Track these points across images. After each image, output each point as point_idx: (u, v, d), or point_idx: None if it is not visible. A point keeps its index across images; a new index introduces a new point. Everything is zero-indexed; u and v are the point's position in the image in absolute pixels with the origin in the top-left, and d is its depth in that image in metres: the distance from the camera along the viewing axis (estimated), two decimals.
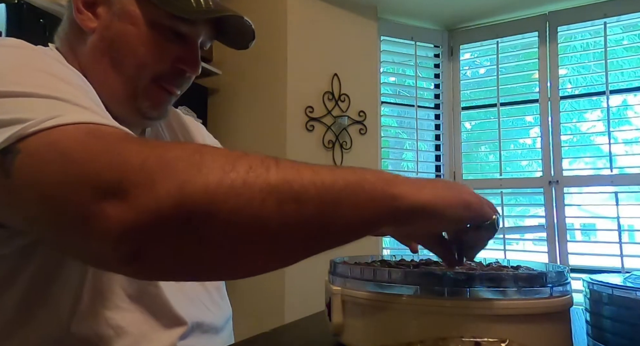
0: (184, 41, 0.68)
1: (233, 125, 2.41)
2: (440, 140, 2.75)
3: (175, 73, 0.69)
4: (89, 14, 0.65)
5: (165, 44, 0.66)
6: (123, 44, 0.65)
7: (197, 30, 0.68)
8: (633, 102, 2.50)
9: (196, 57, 0.69)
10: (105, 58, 0.65)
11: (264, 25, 2.38)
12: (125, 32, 0.65)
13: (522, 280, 0.51)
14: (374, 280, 0.55)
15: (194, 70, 0.70)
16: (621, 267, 2.19)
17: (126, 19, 0.64)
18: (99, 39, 0.65)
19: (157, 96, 0.69)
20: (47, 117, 0.42)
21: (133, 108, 0.68)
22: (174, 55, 0.67)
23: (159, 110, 0.70)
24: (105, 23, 0.65)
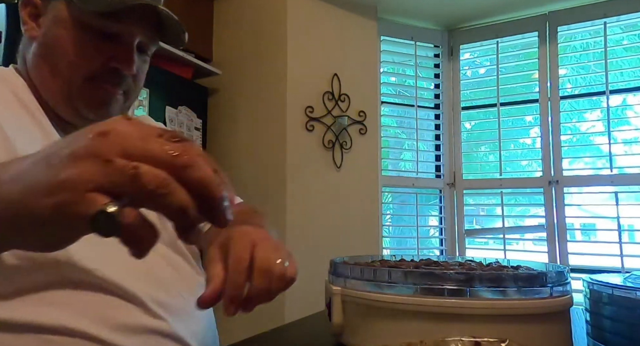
0: (117, 41, 0.70)
1: (233, 125, 2.41)
2: (440, 140, 2.75)
3: (109, 72, 0.70)
4: (32, 24, 0.70)
5: (96, 43, 0.68)
6: (56, 47, 0.68)
7: (128, 29, 0.69)
8: (633, 102, 2.50)
9: (129, 55, 0.70)
10: (44, 63, 0.69)
11: (264, 25, 2.38)
12: (58, 36, 0.68)
13: (522, 280, 0.51)
14: (374, 280, 0.55)
15: (126, 68, 0.70)
16: (621, 267, 2.19)
17: (59, 23, 0.68)
18: (37, 46, 0.69)
19: (91, 95, 0.70)
20: None
21: (71, 108, 0.70)
22: (107, 54, 0.69)
23: (95, 110, 0.71)
24: (43, 31, 0.69)
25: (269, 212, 2.18)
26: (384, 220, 2.67)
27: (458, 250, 2.62)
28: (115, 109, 0.73)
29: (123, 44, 0.70)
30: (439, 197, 2.74)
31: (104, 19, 0.67)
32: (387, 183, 2.59)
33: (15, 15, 1.51)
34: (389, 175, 2.61)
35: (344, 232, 2.29)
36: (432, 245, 2.86)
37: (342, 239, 2.27)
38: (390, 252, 2.60)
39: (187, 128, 2.21)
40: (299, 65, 2.30)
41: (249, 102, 2.39)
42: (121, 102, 0.73)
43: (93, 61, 0.68)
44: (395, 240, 3.28)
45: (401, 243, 2.94)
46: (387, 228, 2.89)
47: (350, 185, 2.37)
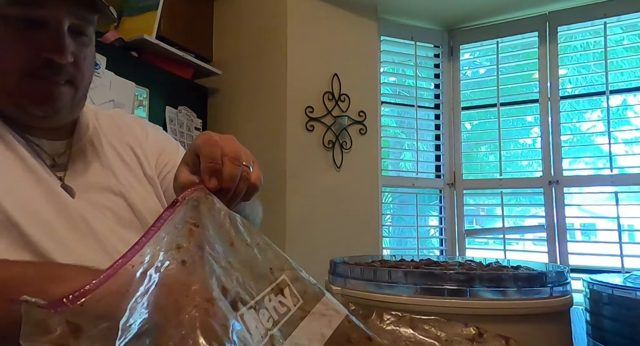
0: (45, 29, 0.63)
1: (233, 125, 2.41)
2: (440, 140, 2.75)
3: (43, 64, 0.64)
4: None
5: (21, 35, 0.62)
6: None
7: (52, 13, 0.63)
8: (633, 102, 2.50)
9: (59, 42, 0.63)
10: None
11: (264, 26, 2.38)
12: None
13: (522, 280, 0.51)
14: (374, 280, 0.55)
15: (59, 56, 0.63)
16: (621, 267, 2.19)
17: None
18: None
19: (33, 91, 0.65)
20: None
21: (16, 107, 0.66)
22: (36, 45, 0.63)
23: (42, 106, 0.66)
24: None
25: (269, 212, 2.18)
26: (384, 220, 2.67)
27: (458, 250, 2.62)
28: (63, 103, 0.67)
29: (51, 31, 0.63)
30: (439, 197, 2.74)
31: (23, 6, 0.61)
32: (387, 183, 2.59)
33: None
34: (389, 175, 2.61)
35: (344, 232, 2.29)
36: (432, 245, 2.86)
37: (342, 239, 2.27)
38: (390, 252, 2.60)
39: (187, 128, 2.21)
40: (299, 65, 2.30)
41: (249, 102, 2.39)
42: (69, 93, 0.68)
43: (23, 54, 0.63)
44: (395, 240, 3.28)
45: (401, 244, 2.94)
46: (387, 228, 2.89)
47: (350, 185, 2.37)
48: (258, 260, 0.44)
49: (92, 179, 0.72)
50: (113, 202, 0.72)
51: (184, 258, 0.38)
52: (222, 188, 0.50)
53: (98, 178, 0.73)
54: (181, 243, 0.39)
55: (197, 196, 0.46)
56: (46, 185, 0.65)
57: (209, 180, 0.50)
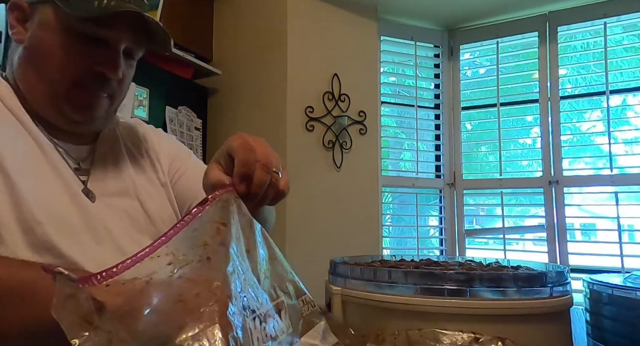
0: (104, 47, 0.70)
1: (233, 125, 2.41)
2: (440, 140, 2.75)
3: (94, 76, 0.70)
4: (20, 27, 0.71)
5: (82, 48, 0.69)
6: (41, 51, 0.69)
7: (114, 34, 0.70)
8: (633, 102, 2.50)
9: (115, 60, 0.71)
10: (30, 65, 0.70)
11: (264, 25, 2.38)
12: (43, 39, 0.69)
13: (522, 280, 0.51)
14: (374, 280, 0.55)
15: (112, 72, 0.70)
16: (621, 267, 2.19)
17: (45, 27, 0.69)
18: (23, 49, 0.70)
19: (78, 98, 0.70)
20: None
21: (57, 111, 0.70)
22: (93, 59, 0.69)
23: (82, 113, 0.72)
24: (30, 34, 0.70)
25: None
26: (384, 220, 2.67)
27: (458, 250, 2.62)
28: (100, 112, 0.73)
29: (109, 49, 0.70)
30: (439, 197, 2.74)
31: (91, 24, 0.68)
32: (387, 183, 2.59)
33: None
34: (389, 175, 2.61)
35: (344, 232, 2.29)
36: (432, 245, 2.86)
37: (342, 239, 2.27)
38: (390, 252, 2.60)
39: (187, 128, 2.21)
40: (299, 65, 2.30)
41: (249, 102, 2.39)
42: (106, 105, 0.74)
43: (79, 65, 0.69)
44: (395, 240, 3.28)
45: (401, 243, 2.94)
46: (387, 228, 2.89)
47: (350, 185, 2.37)
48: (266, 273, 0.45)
49: (112, 184, 0.76)
50: (130, 206, 0.76)
51: (209, 255, 0.40)
52: (250, 193, 0.53)
53: (117, 183, 0.76)
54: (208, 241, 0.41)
55: (227, 197, 0.48)
56: (70, 188, 0.69)
57: (240, 184, 0.52)
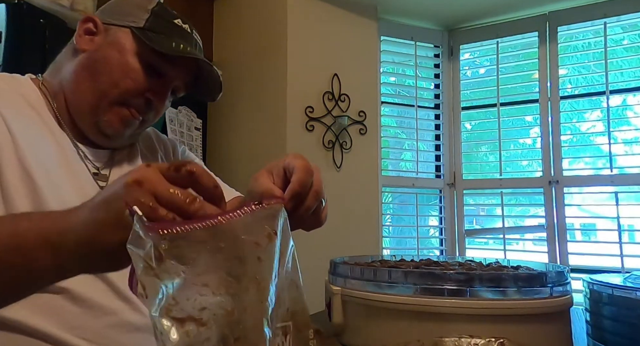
0: (160, 78, 0.78)
1: (233, 125, 2.41)
2: (440, 140, 2.75)
3: (141, 101, 0.77)
4: (87, 39, 0.77)
5: (142, 74, 0.75)
6: (105, 64, 0.75)
7: (174, 72, 0.78)
8: (633, 102, 2.50)
9: (166, 92, 0.79)
10: (85, 71, 0.75)
11: (264, 26, 2.38)
12: (111, 56, 0.75)
13: (522, 280, 0.51)
14: (374, 280, 0.55)
15: (159, 101, 0.78)
16: (621, 267, 2.19)
17: (115, 47, 0.75)
18: (86, 57, 0.76)
19: (117, 113, 0.76)
20: None
21: (93, 121, 0.75)
22: (146, 86, 0.76)
23: (115, 127, 0.76)
24: (97, 47, 0.76)
25: None
26: (384, 220, 2.67)
27: (458, 250, 2.62)
28: (128, 132, 0.79)
29: (163, 81, 0.78)
30: (439, 197, 2.74)
31: (159, 58, 0.75)
32: (387, 183, 2.59)
33: (16, 15, 1.51)
34: (389, 175, 2.61)
35: (344, 232, 2.29)
36: (432, 245, 2.86)
37: (342, 239, 2.27)
38: (390, 252, 2.60)
39: (187, 128, 2.21)
40: (299, 65, 2.30)
41: (249, 102, 2.38)
42: (136, 127, 0.79)
43: (134, 86, 0.75)
44: (395, 240, 3.28)
45: (401, 243, 2.94)
46: (387, 228, 2.89)
47: (350, 185, 2.36)
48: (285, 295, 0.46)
49: None
50: None
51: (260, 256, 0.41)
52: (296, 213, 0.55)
53: None
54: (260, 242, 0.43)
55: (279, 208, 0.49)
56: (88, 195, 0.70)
57: (290, 202, 0.53)
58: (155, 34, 0.75)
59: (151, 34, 0.75)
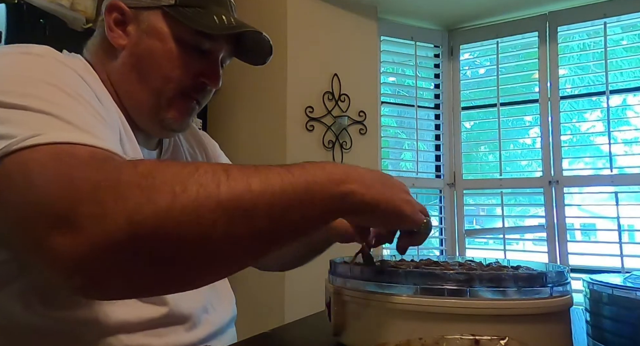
0: (206, 57, 0.72)
1: (233, 125, 2.41)
2: (440, 140, 2.75)
3: (197, 86, 0.72)
4: (119, 31, 0.70)
5: (189, 59, 0.70)
6: (150, 59, 0.69)
7: (218, 46, 0.73)
8: (633, 102, 2.50)
9: (218, 72, 0.74)
10: (134, 72, 0.69)
11: (264, 26, 2.37)
12: (153, 47, 0.69)
13: (522, 280, 0.51)
14: (374, 280, 0.55)
15: (215, 84, 0.74)
16: (621, 267, 2.19)
17: (154, 35, 0.69)
18: (128, 55, 0.69)
19: (181, 107, 0.72)
20: (29, 135, 0.44)
21: (156, 119, 0.71)
22: (197, 69, 0.71)
23: (180, 121, 0.73)
24: (134, 40, 0.69)
25: None
26: None
27: (458, 250, 2.62)
28: (192, 119, 0.77)
29: (211, 59, 0.73)
30: (439, 197, 2.74)
31: (200, 36, 0.69)
32: None
33: (16, 15, 1.51)
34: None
35: None
36: (432, 245, 2.86)
37: None
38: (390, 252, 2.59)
39: None
40: (299, 65, 2.30)
41: (249, 102, 2.38)
42: (196, 112, 0.77)
43: (186, 76, 0.70)
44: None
45: None
46: None
47: None
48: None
49: None
50: None
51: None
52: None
53: None
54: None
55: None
56: None
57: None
58: (189, 8, 0.68)
59: (185, 10, 0.68)
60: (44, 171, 0.42)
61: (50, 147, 0.44)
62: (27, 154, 0.43)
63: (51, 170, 0.42)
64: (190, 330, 0.67)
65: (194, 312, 0.68)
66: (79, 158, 0.44)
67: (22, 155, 0.43)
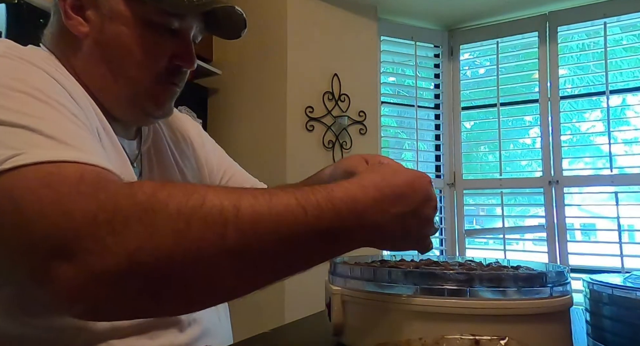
0: (177, 36, 0.67)
1: (233, 125, 2.41)
2: (440, 140, 2.75)
3: (173, 70, 0.68)
4: (78, 18, 0.63)
5: (160, 41, 0.65)
6: (118, 47, 0.63)
7: (188, 24, 0.67)
8: (633, 102, 2.50)
9: (191, 52, 0.69)
10: (103, 63, 0.64)
11: (264, 26, 2.38)
12: (118, 33, 0.63)
13: (522, 280, 0.51)
14: (374, 280, 0.55)
15: (190, 65, 0.69)
16: (621, 267, 2.19)
17: (117, 19, 0.63)
18: (93, 44, 0.63)
19: (161, 95, 0.69)
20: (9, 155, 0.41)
21: (137, 109, 0.68)
22: (169, 52, 0.66)
23: (163, 108, 0.70)
24: (97, 27, 0.63)
25: None
26: None
27: (458, 250, 2.62)
28: (173, 103, 0.73)
29: (182, 39, 0.67)
30: (439, 197, 2.74)
31: (166, 15, 0.64)
32: None
33: (16, 15, 1.51)
34: None
35: None
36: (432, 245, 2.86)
37: None
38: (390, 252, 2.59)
39: None
40: (299, 65, 2.30)
41: (249, 102, 2.38)
42: (176, 95, 0.73)
43: (159, 60, 0.66)
44: None
45: None
46: None
47: None
48: None
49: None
50: None
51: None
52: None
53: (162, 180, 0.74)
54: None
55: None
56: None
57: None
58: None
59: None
60: (34, 199, 0.39)
61: (34, 168, 0.41)
62: (12, 178, 0.41)
63: (42, 198, 0.39)
64: (184, 330, 0.66)
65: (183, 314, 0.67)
66: (68, 183, 0.41)
67: (6, 178, 0.41)
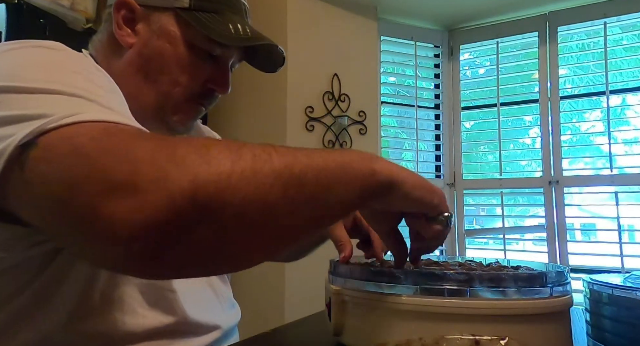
0: (216, 62, 0.72)
1: (233, 125, 2.41)
2: (440, 140, 2.75)
3: (205, 93, 0.72)
4: (128, 30, 0.68)
5: (199, 64, 0.70)
6: (159, 61, 0.68)
7: (230, 53, 0.72)
8: (633, 102, 2.50)
9: (227, 79, 0.73)
10: (140, 73, 0.68)
11: (264, 26, 2.38)
12: (163, 50, 0.67)
13: (522, 280, 0.51)
14: (374, 280, 0.55)
15: (224, 91, 0.73)
16: (621, 267, 2.19)
17: (165, 37, 0.68)
18: (136, 54, 0.68)
19: (187, 112, 0.72)
20: (68, 114, 0.42)
21: (161, 121, 0.70)
22: (206, 75, 0.71)
23: (185, 124, 0.73)
24: (143, 40, 0.68)
25: None
26: None
27: (458, 250, 2.62)
28: (196, 121, 0.77)
29: (221, 65, 0.72)
30: None
31: (213, 42, 0.68)
32: None
33: (16, 15, 1.51)
34: None
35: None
36: None
37: None
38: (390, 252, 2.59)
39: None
40: (299, 65, 2.30)
41: (249, 102, 2.39)
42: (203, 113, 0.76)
43: (194, 82, 0.70)
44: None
45: None
46: None
47: None
48: None
49: None
50: None
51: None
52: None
53: None
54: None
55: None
56: None
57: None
58: (204, 13, 0.67)
59: (200, 15, 0.67)
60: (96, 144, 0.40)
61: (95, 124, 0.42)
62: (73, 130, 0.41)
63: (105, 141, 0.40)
64: (198, 336, 0.67)
65: (201, 320, 0.68)
66: (129, 133, 0.42)
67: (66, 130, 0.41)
